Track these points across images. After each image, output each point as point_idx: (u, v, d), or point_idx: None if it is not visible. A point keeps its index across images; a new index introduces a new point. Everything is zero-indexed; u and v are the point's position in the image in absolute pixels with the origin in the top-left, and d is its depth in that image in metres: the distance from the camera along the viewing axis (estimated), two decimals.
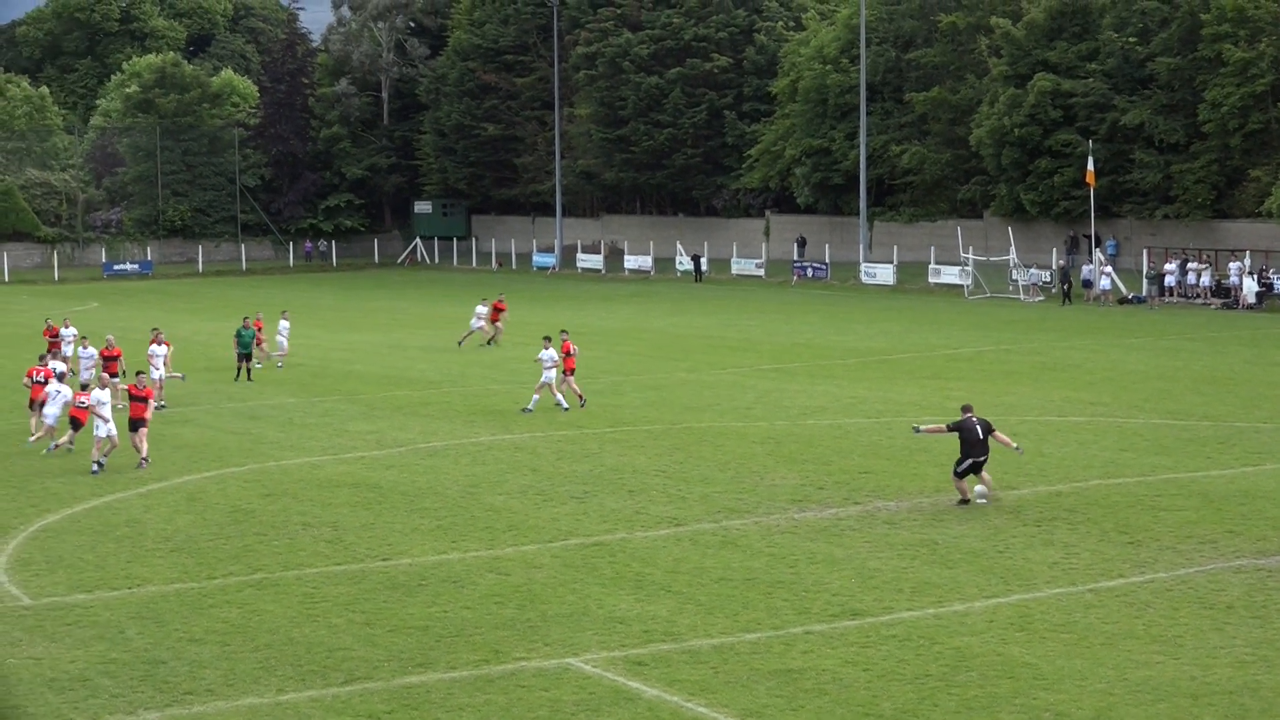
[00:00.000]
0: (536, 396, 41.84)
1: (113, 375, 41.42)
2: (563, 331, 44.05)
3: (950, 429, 29.22)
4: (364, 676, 19.35)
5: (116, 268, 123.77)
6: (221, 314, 75.85)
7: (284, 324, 55.48)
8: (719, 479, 31.58)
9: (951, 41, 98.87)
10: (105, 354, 44.74)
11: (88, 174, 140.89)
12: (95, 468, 33.24)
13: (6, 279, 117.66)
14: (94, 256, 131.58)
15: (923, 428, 31.26)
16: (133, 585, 23.79)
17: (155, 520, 28.46)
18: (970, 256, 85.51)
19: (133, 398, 34.55)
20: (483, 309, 60.70)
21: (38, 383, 38.22)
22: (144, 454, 33.74)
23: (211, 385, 48.55)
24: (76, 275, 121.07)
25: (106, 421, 33.59)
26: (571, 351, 42.70)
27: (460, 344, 59.51)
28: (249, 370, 50.33)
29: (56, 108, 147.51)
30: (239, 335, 50.84)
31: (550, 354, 41.96)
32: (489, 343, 59.97)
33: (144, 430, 33.83)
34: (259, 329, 52.24)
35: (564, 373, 42.21)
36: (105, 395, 34.45)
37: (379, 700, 18.50)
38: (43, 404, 37.02)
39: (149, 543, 26.61)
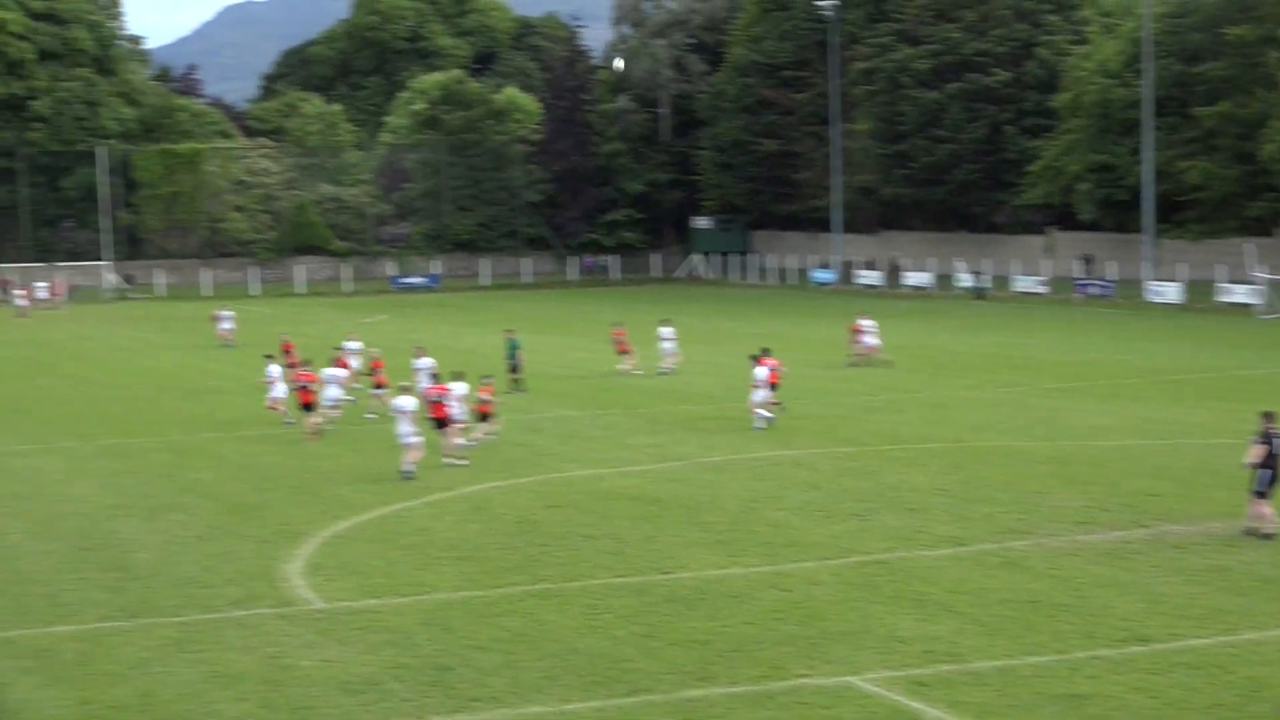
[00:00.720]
0: (762, 414, 41.64)
1: (380, 386, 43.27)
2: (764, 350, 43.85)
3: (1261, 441, 27.27)
4: (646, 689, 19.49)
5: (404, 280, 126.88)
6: (503, 327, 77.09)
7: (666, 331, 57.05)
8: (1001, 499, 31.09)
9: (1239, 54, 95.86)
10: (374, 365, 46.13)
11: (377, 189, 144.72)
12: (409, 470, 34.37)
13: (302, 290, 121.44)
14: (383, 270, 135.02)
15: (1246, 460, 27.93)
16: (421, 592, 24.35)
17: (442, 529, 29.09)
18: (1262, 275, 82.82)
19: (431, 400, 36.68)
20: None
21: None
22: (463, 442, 35.20)
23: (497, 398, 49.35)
24: (366, 288, 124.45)
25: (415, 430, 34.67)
26: (776, 368, 42.67)
27: (865, 362, 58.14)
28: (519, 381, 51.25)
29: (347, 124, 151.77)
30: (510, 347, 51.88)
31: (762, 371, 42.07)
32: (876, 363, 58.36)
33: (454, 426, 35.62)
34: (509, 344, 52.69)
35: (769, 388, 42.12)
36: (410, 403, 35.32)
37: (660, 713, 18.61)
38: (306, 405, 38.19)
39: (436, 550, 27.21)
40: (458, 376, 38.64)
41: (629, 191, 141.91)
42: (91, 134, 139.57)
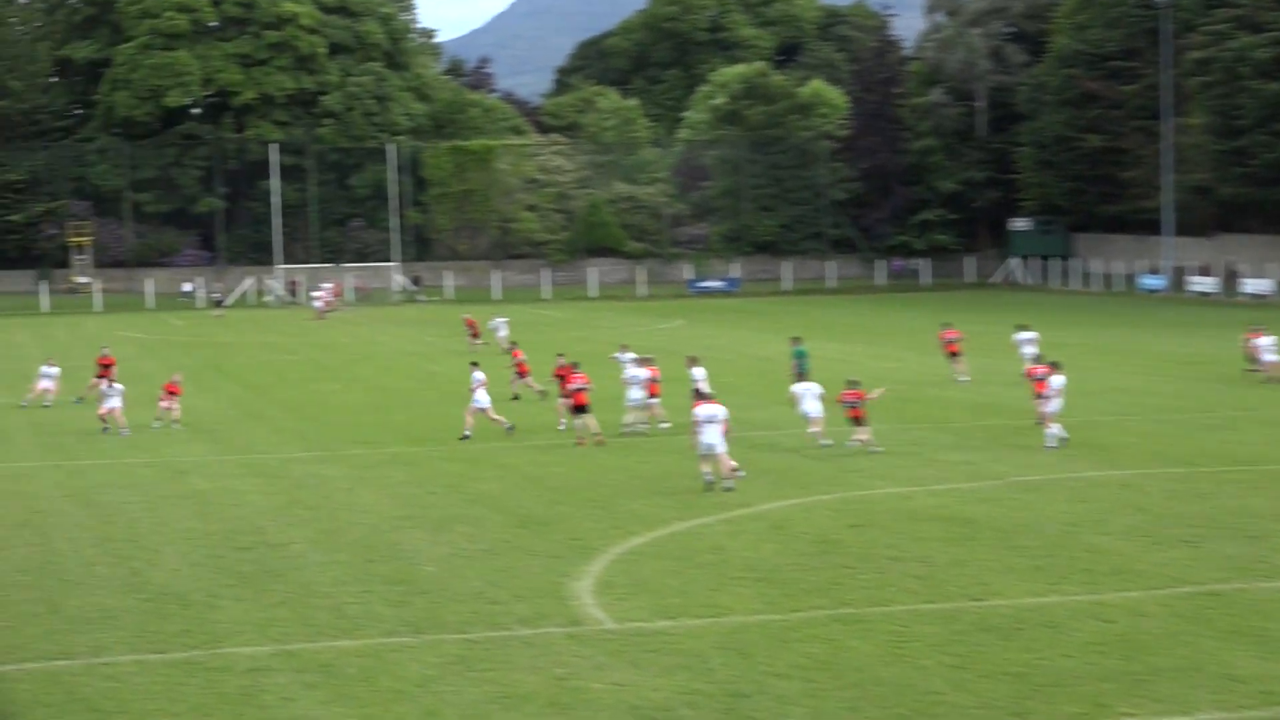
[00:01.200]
0: (1054, 431, 40.73)
1: (653, 396, 44.21)
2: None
3: None
4: None
5: (701, 284, 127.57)
6: (805, 334, 77.00)
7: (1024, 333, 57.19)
8: None
9: None
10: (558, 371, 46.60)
11: (674, 187, 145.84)
12: (709, 479, 34.84)
13: (594, 294, 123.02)
14: (679, 272, 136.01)
15: None
16: (717, 614, 24.39)
17: (739, 547, 29.13)
18: None
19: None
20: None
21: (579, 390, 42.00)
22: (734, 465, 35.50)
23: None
24: (661, 291, 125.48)
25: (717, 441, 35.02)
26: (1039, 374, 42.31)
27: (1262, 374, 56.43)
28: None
29: (644, 120, 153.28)
30: (797, 355, 51.82)
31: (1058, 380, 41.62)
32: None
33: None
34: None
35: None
36: (716, 412, 35.53)
37: None
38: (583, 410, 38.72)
39: (733, 571, 27.25)
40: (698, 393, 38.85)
41: (941, 190, 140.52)
42: (381, 130, 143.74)
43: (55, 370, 55.10)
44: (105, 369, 54.60)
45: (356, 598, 25.61)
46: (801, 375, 51.45)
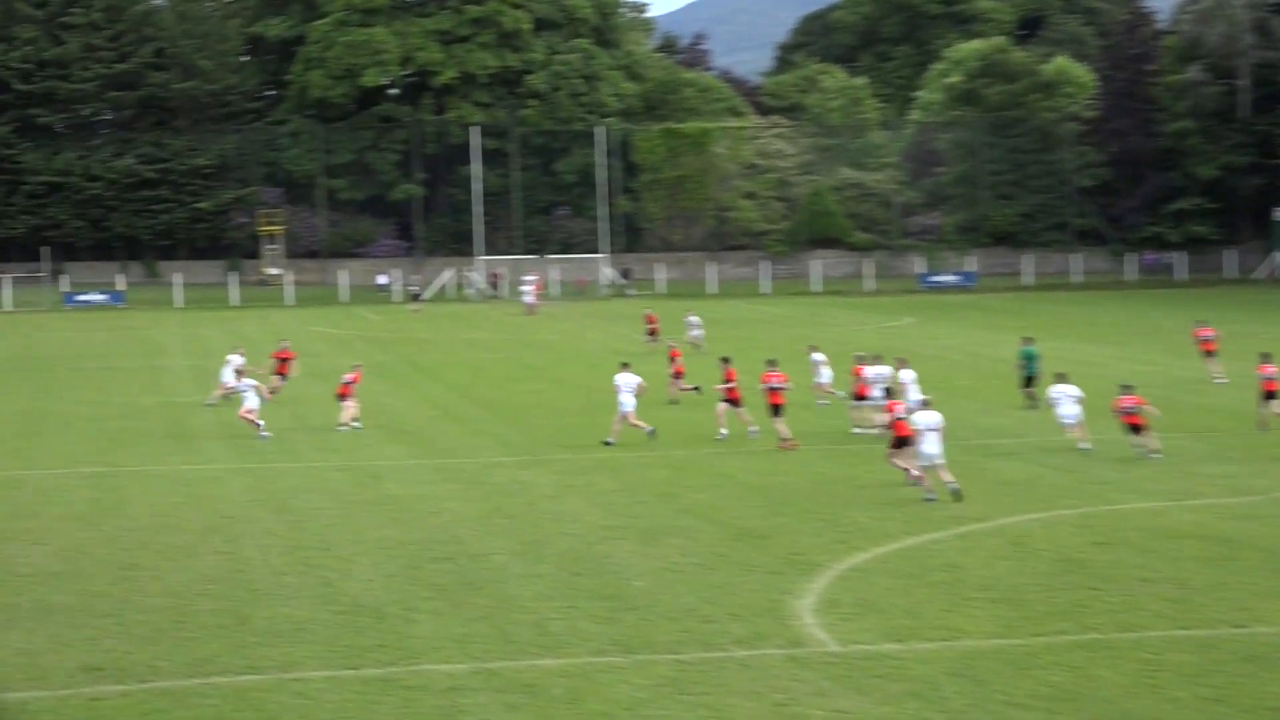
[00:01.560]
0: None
1: (860, 398, 45.31)
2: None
3: None
4: None
5: (934, 279, 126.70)
6: (1048, 333, 76.17)
7: None
8: None
9: None
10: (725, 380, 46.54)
11: (904, 174, 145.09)
12: (931, 495, 34.83)
13: (817, 289, 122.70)
14: (909, 266, 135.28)
15: None
16: (949, 637, 24.21)
17: (974, 565, 28.89)
18: None
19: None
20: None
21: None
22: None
23: (1027, 416, 48.80)
24: (889, 286, 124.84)
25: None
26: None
27: None
28: (1033, 396, 50.62)
29: (872, 100, 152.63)
30: (1025, 356, 51.23)
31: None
32: None
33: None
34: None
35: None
36: (934, 419, 35.35)
37: None
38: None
39: (967, 590, 27.03)
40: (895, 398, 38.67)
41: (1199, 177, 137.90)
42: (589, 112, 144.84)
43: (239, 360, 55.98)
44: (283, 364, 55.61)
45: (560, 614, 25.81)
46: (1029, 378, 50.97)
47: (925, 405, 36.48)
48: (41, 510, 35.43)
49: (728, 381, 45.30)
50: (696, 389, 53.16)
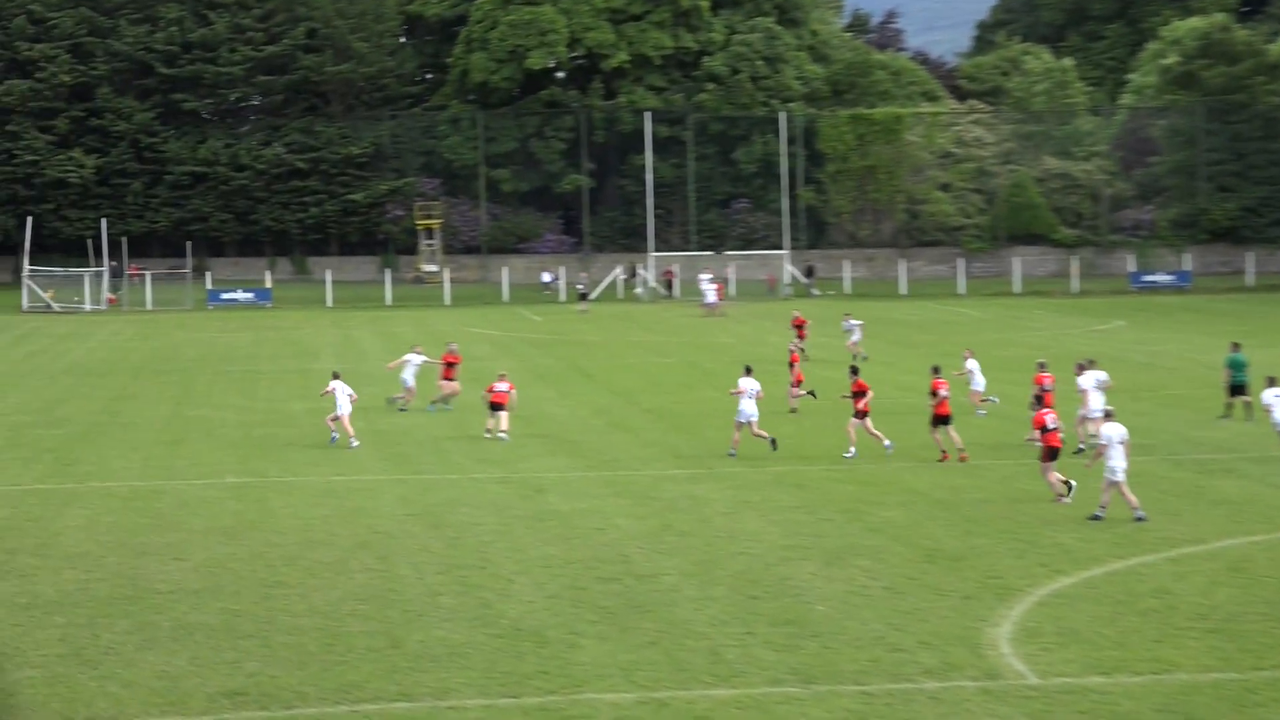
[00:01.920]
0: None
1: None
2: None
3: None
4: None
5: (1146, 279, 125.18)
6: (1271, 339, 75.05)
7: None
8: None
9: None
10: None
11: (1114, 164, 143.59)
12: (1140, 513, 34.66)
13: (1018, 289, 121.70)
14: (1119, 265, 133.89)
15: None
16: (1159, 670, 23.96)
17: (1188, 591, 28.55)
18: None
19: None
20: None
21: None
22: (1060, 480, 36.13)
23: (1244, 429, 48.12)
24: (1097, 287, 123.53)
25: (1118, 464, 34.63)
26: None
27: None
28: (1233, 406, 49.94)
29: (1080, 83, 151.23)
30: (1233, 363, 50.54)
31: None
32: None
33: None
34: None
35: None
36: (1118, 431, 35.07)
37: None
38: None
39: (1180, 619, 26.73)
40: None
41: None
42: (771, 96, 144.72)
43: (420, 358, 56.54)
44: (450, 368, 56.16)
45: (736, 640, 25.84)
46: (1236, 387, 50.31)
47: (1109, 416, 36.13)
48: (182, 523, 36.01)
49: (857, 393, 44.99)
50: (811, 394, 54.18)
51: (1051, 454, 37.13)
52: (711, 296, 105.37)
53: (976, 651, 25.02)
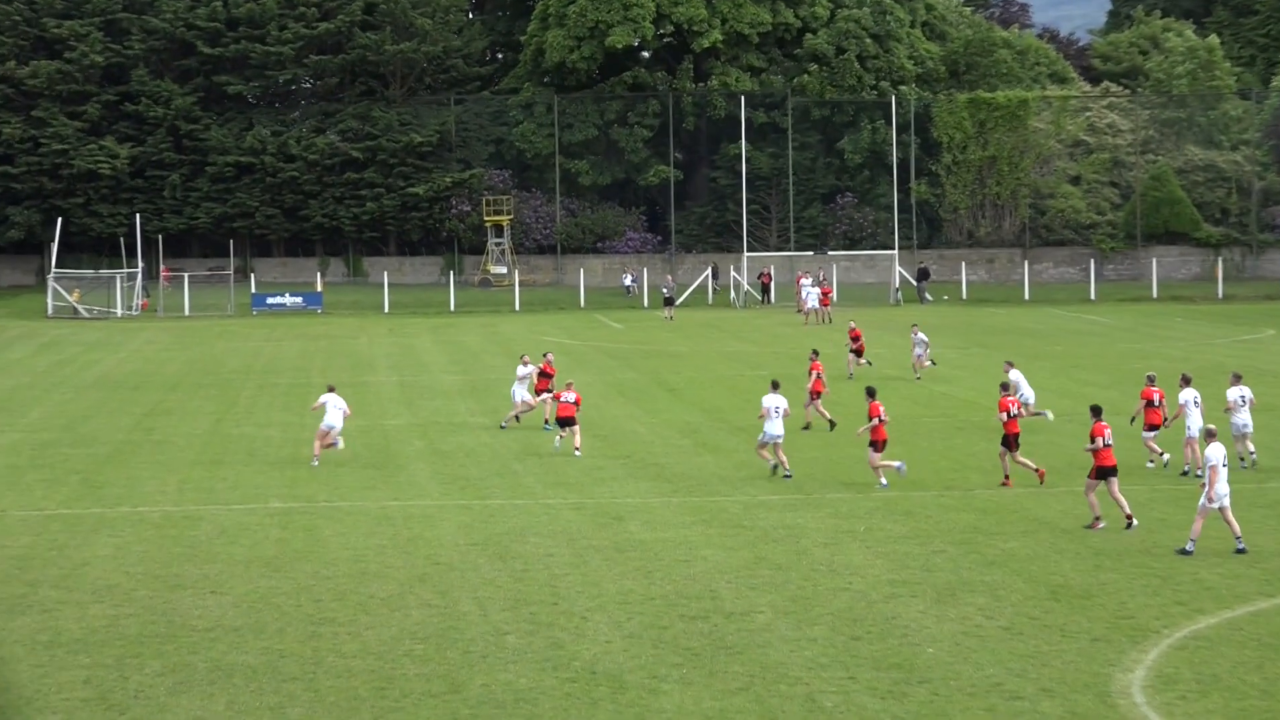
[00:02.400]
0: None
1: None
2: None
3: None
4: None
5: None
6: None
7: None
8: None
9: None
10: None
11: (1265, 154, 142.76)
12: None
13: (1156, 294, 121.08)
14: (1270, 266, 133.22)
15: None
16: None
17: None
18: None
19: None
20: None
21: None
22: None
23: None
24: (1245, 291, 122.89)
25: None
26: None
27: None
28: None
29: (1227, 64, 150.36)
30: None
31: None
32: None
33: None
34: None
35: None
36: (1218, 453, 34.95)
37: None
38: None
39: None
40: None
41: None
42: (881, 78, 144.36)
43: (529, 370, 56.91)
44: (545, 379, 56.46)
45: (836, 686, 25.82)
46: None
47: (1211, 436, 35.86)
48: (221, 553, 36.23)
49: (872, 418, 44.84)
50: (832, 422, 55.02)
51: (1100, 472, 37.16)
52: (814, 301, 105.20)
53: (1105, 700, 24.94)
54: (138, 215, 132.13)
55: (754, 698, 25.21)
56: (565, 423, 49.49)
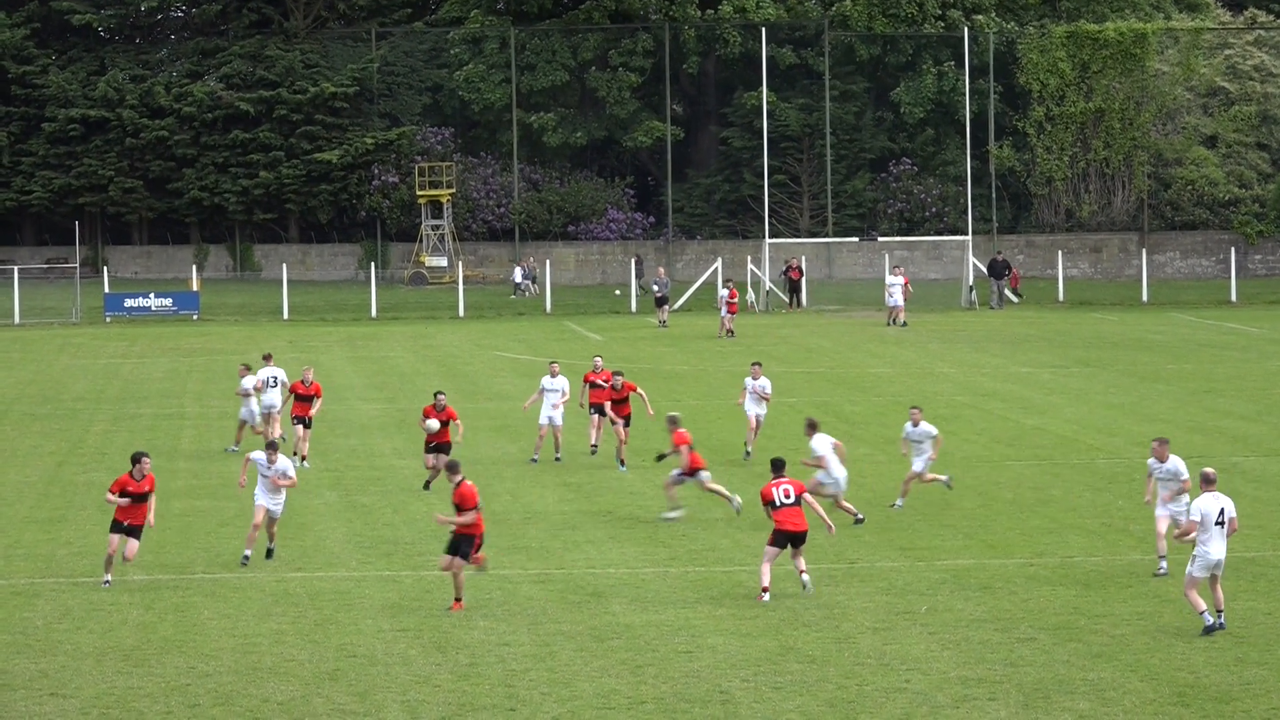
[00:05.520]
0: None
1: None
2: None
3: None
4: None
5: None
6: None
7: None
8: None
9: None
10: None
11: None
12: None
13: None
14: None
15: None
16: None
17: None
18: None
19: None
20: None
21: None
22: None
23: None
24: None
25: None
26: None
27: None
28: None
29: None
30: None
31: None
32: None
33: None
34: None
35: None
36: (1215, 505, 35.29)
37: None
38: None
39: None
40: None
41: None
42: (949, 6, 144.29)
43: (562, 382, 57.73)
44: (598, 391, 57.60)
45: None
46: None
47: (1209, 483, 35.97)
48: (64, 642, 36.21)
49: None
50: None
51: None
52: (898, 296, 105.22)
53: None
54: None
55: None
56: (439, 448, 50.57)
